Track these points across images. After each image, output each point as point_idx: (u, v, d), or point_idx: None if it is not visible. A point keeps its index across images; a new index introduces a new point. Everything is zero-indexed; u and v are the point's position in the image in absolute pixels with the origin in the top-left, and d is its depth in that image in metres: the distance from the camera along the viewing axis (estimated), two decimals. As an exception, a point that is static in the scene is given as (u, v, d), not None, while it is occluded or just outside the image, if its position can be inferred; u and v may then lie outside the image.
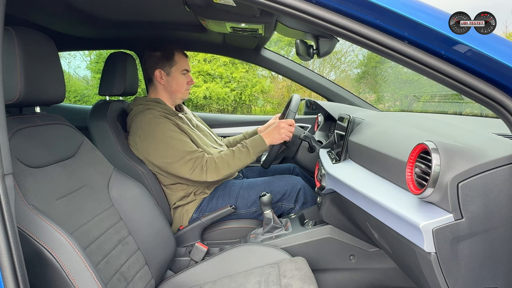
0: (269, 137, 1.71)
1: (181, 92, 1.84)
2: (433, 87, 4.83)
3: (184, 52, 1.85)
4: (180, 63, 1.81)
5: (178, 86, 1.82)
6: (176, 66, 1.80)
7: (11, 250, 0.70)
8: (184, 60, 1.83)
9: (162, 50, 1.81)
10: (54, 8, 1.62)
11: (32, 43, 1.03)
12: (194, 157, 1.62)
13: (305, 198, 1.79)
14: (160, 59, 1.79)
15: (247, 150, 1.66)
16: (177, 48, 1.83)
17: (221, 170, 1.63)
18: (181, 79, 1.82)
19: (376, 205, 0.96)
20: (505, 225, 0.74)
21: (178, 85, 1.82)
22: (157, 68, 1.79)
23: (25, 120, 1.08)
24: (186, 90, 1.86)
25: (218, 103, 9.02)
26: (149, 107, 1.73)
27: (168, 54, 1.79)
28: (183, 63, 1.82)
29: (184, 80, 1.83)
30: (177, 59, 1.80)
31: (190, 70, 1.87)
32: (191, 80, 1.87)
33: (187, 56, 1.87)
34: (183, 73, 1.82)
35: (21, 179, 0.95)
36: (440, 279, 0.78)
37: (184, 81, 1.83)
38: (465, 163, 0.74)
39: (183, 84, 1.83)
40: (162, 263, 1.39)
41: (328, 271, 1.54)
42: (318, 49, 1.28)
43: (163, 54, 1.80)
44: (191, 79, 1.87)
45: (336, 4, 0.73)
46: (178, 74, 1.81)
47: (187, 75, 1.85)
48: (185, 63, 1.83)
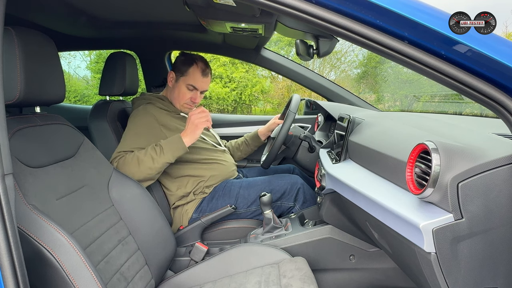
0: (184, 133, 1.58)
1: (180, 103, 1.80)
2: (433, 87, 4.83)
3: (205, 70, 1.76)
4: (190, 77, 1.75)
5: (179, 97, 1.78)
6: (185, 77, 1.76)
7: (11, 250, 0.70)
8: (197, 76, 1.75)
9: (186, 56, 1.78)
10: (54, 8, 1.62)
11: (32, 43, 1.03)
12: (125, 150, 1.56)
13: (304, 196, 1.80)
14: (179, 63, 1.78)
15: (160, 148, 1.54)
16: (201, 62, 1.76)
17: (131, 165, 1.49)
18: (184, 91, 1.77)
19: (376, 205, 0.96)
20: (505, 225, 0.74)
21: (179, 95, 1.78)
22: (172, 70, 1.80)
23: (25, 120, 1.08)
24: (186, 104, 1.80)
25: (218, 103, 9.02)
26: (150, 101, 1.74)
27: (186, 63, 1.76)
28: (194, 79, 1.75)
29: (187, 94, 1.77)
30: (191, 71, 1.75)
31: (199, 89, 1.78)
32: (195, 98, 1.79)
33: (206, 75, 1.78)
34: (189, 88, 1.77)
35: (21, 179, 0.95)
36: (440, 279, 0.78)
37: (186, 95, 1.77)
38: (465, 163, 0.74)
39: (184, 97, 1.78)
40: (162, 263, 1.39)
41: (328, 271, 1.54)
42: (318, 49, 1.28)
43: (183, 60, 1.77)
44: (196, 97, 1.79)
45: (336, 4, 0.73)
46: (183, 85, 1.76)
47: (194, 92, 1.78)
48: (196, 80, 1.75)
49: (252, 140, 2.12)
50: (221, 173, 1.83)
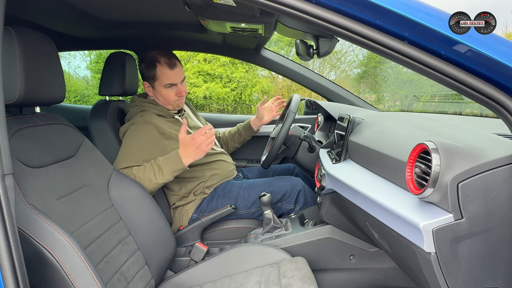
0: (186, 153, 1.51)
1: (170, 104, 1.76)
2: (433, 87, 4.83)
3: (170, 63, 1.69)
4: (162, 78, 1.68)
5: (165, 100, 1.74)
6: (158, 81, 1.70)
7: (11, 250, 0.70)
8: (167, 74, 1.68)
9: (146, 61, 1.71)
10: (54, 8, 1.62)
11: (32, 43, 1.03)
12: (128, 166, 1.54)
13: (305, 199, 1.79)
14: (144, 71, 1.73)
15: (159, 168, 1.51)
16: (161, 58, 1.68)
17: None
18: (166, 92, 1.71)
19: (376, 205, 0.96)
20: (505, 225, 0.74)
21: (165, 98, 1.74)
22: (144, 80, 1.76)
23: (25, 120, 1.08)
24: (176, 101, 1.75)
25: (218, 103, 9.02)
26: (144, 108, 1.72)
27: (149, 67, 1.69)
28: (166, 77, 1.68)
29: (170, 93, 1.71)
30: (159, 73, 1.68)
31: (177, 82, 1.71)
32: (180, 92, 1.73)
33: (173, 66, 1.69)
34: (168, 87, 1.70)
35: (21, 179, 0.95)
36: (440, 279, 0.78)
37: (170, 94, 1.72)
38: (465, 163, 0.74)
39: (169, 97, 1.72)
40: (162, 263, 1.39)
41: (328, 271, 1.54)
42: (318, 49, 1.28)
43: (146, 66, 1.71)
44: (180, 90, 1.72)
45: (336, 4, 0.73)
46: (161, 88, 1.71)
47: (175, 87, 1.72)
48: (168, 77, 1.68)
49: (245, 130, 2.12)
50: (221, 172, 1.83)
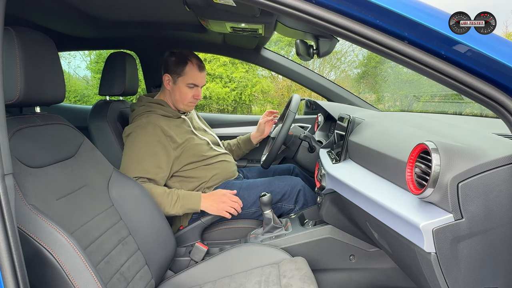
0: (207, 201, 1.61)
1: (184, 104, 1.79)
2: (433, 87, 4.83)
3: (200, 65, 1.77)
4: (188, 76, 1.75)
5: (181, 97, 1.78)
6: (183, 77, 1.75)
7: (11, 250, 0.70)
8: (194, 74, 1.75)
9: (178, 56, 1.76)
10: (54, 8, 1.62)
11: (32, 43, 1.03)
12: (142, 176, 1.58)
13: (305, 199, 1.79)
14: (172, 65, 1.76)
15: (177, 199, 1.58)
16: (194, 58, 1.76)
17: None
18: (185, 90, 1.76)
19: (376, 205, 0.96)
20: (505, 225, 0.74)
21: (181, 96, 1.77)
22: (166, 72, 1.78)
23: (25, 120, 1.08)
24: (190, 102, 1.79)
25: (218, 103, 9.02)
26: (150, 109, 1.73)
27: (180, 63, 1.74)
28: (193, 77, 1.75)
29: (189, 93, 1.77)
30: (187, 70, 1.74)
31: (199, 85, 1.79)
32: (198, 95, 1.79)
33: (202, 69, 1.78)
34: (190, 86, 1.76)
35: (21, 179, 0.95)
36: (440, 279, 0.78)
37: (189, 94, 1.77)
38: (465, 163, 0.74)
39: (186, 97, 1.77)
40: (162, 263, 1.38)
41: (328, 271, 1.54)
42: (318, 49, 1.28)
43: (176, 61, 1.75)
44: (198, 93, 1.80)
45: (336, 4, 0.73)
46: (183, 85, 1.76)
47: (195, 89, 1.78)
48: (195, 77, 1.76)
49: (244, 143, 2.16)
50: (222, 172, 1.83)
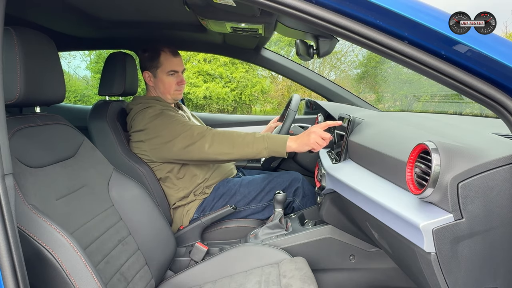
0: (295, 141, 1.50)
1: (170, 94, 1.79)
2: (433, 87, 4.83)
3: (173, 51, 1.77)
4: (165, 64, 1.74)
5: (166, 88, 1.77)
6: (161, 67, 1.75)
7: (11, 250, 0.70)
8: (170, 60, 1.75)
9: (149, 50, 1.77)
10: (54, 8, 1.62)
11: (32, 43, 1.03)
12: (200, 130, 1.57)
13: (304, 191, 1.81)
14: (147, 61, 1.77)
15: (262, 140, 1.51)
16: (165, 47, 1.76)
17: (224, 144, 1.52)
18: (167, 80, 1.76)
19: (376, 205, 0.96)
20: (505, 225, 0.74)
21: (165, 87, 1.77)
22: (145, 70, 1.79)
23: (25, 120, 1.08)
24: (176, 91, 1.79)
25: (218, 103, 9.02)
26: (149, 104, 1.73)
27: (153, 56, 1.75)
28: (170, 64, 1.75)
29: (172, 81, 1.76)
30: (162, 60, 1.74)
31: (179, 70, 1.78)
32: (181, 81, 1.79)
33: (176, 54, 1.78)
34: (170, 74, 1.76)
35: (21, 179, 0.95)
36: (440, 279, 0.78)
37: (172, 82, 1.76)
38: (465, 163, 0.74)
39: (171, 86, 1.77)
40: (162, 263, 1.39)
41: (328, 271, 1.54)
42: (318, 49, 1.28)
43: (149, 55, 1.76)
44: (181, 79, 1.79)
45: (336, 4, 0.73)
46: (163, 75, 1.75)
47: (177, 75, 1.77)
48: (172, 64, 1.75)
49: None
50: (220, 171, 1.83)
